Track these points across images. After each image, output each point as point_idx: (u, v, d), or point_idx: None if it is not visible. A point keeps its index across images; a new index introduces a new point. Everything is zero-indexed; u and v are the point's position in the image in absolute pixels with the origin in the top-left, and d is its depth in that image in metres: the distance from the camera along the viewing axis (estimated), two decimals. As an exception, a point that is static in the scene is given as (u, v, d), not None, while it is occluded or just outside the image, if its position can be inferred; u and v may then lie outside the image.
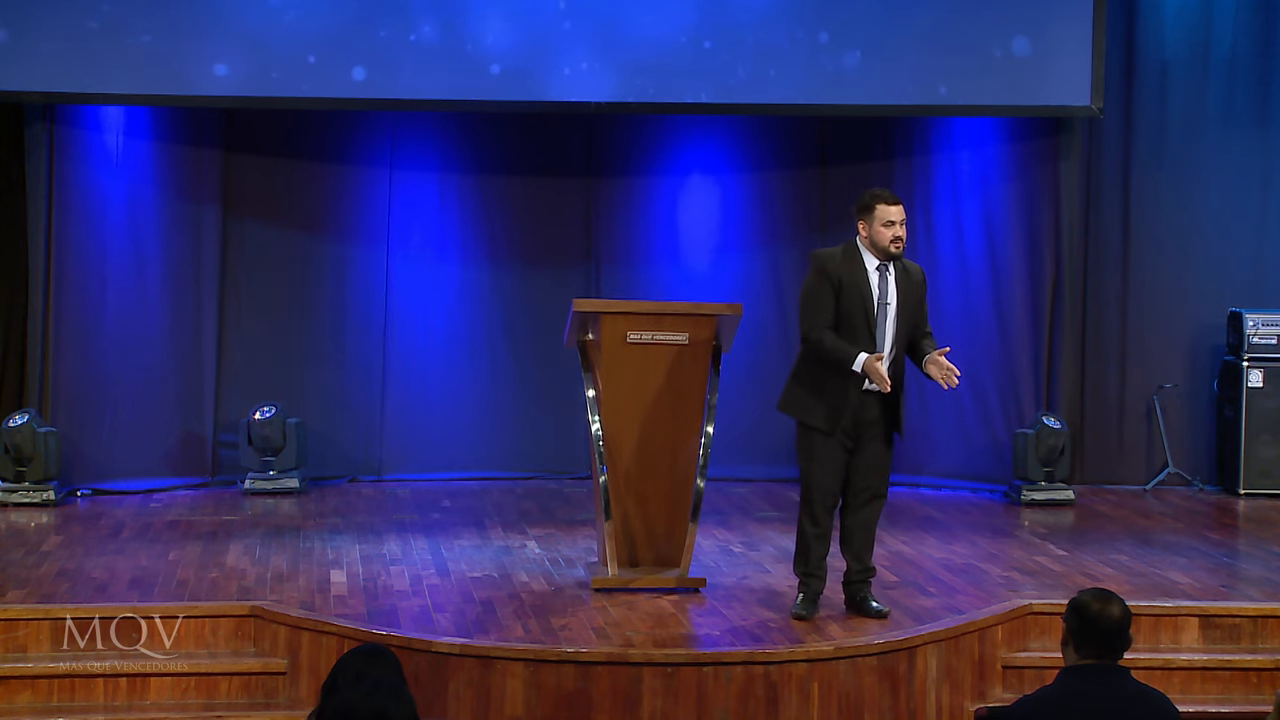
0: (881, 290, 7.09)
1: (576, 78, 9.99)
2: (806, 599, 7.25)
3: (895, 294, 7.10)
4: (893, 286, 7.11)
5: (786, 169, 10.92)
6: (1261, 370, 10.49)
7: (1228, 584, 8.05)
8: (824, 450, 7.12)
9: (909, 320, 7.13)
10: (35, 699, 6.92)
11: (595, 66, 10.00)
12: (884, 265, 7.12)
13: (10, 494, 9.66)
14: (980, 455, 10.66)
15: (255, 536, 8.88)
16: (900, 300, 7.10)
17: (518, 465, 10.89)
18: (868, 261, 7.12)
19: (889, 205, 7.09)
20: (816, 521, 7.19)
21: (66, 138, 10.08)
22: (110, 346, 10.25)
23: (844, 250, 7.15)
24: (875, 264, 7.12)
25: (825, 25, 10.04)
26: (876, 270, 7.11)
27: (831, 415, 7.08)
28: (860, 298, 7.06)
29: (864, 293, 7.06)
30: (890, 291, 7.10)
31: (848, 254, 7.13)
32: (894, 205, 7.10)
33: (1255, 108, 10.83)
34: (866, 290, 7.06)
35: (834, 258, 7.14)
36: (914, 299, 7.15)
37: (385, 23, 9.88)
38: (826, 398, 7.09)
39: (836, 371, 7.04)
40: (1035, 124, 10.51)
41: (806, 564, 7.25)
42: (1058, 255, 10.52)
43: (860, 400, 7.07)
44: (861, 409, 7.08)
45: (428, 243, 10.87)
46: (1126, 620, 4.67)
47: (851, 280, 7.06)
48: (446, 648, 6.75)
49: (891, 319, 7.09)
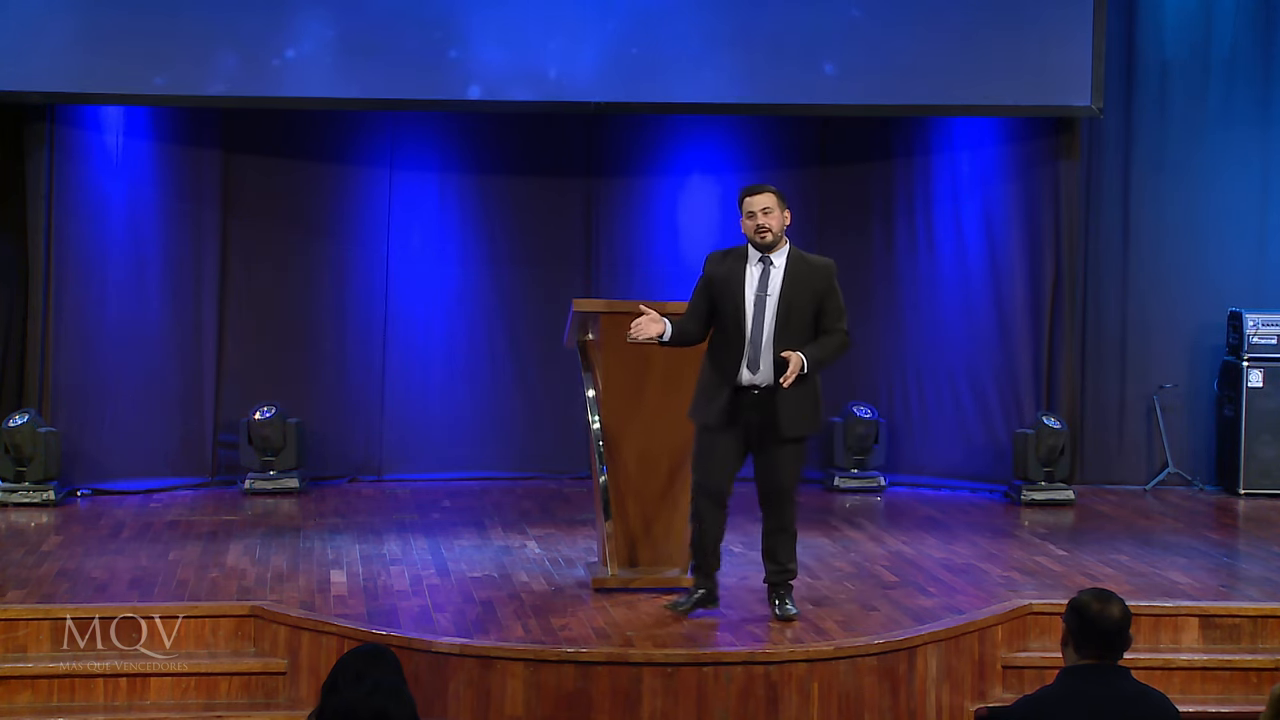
0: (761, 284, 6.98)
1: (576, 78, 9.99)
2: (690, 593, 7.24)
3: (780, 287, 6.98)
4: (776, 280, 6.99)
5: (786, 169, 10.92)
6: (1261, 370, 10.50)
7: (1228, 584, 8.05)
8: (703, 444, 7.09)
9: (800, 314, 6.97)
10: (35, 699, 6.92)
11: (594, 66, 10.00)
12: (766, 259, 7.02)
13: (10, 494, 9.66)
14: (980, 455, 10.66)
15: (255, 536, 8.88)
16: (785, 293, 6.97)
17: (518, 465, 10.89)
18: (750, 256, 7.05)
19: (749, 196, 7.03)
20: (698, 516, 7.16)
21: (66, 138, 10.08)
22: (110, 346, 10.25)
23: (736, 247, 7.12)
24: (757, 258, 7.04)
25: (825, 25, 10.04)
26: (758, 264, 7.02)
27: (706, 408, 7.03)
28: (731, 293, 6.99)
29: (735, 288, 6.99)
30: (772, 285, 6.98)
31: (736, 251, 7.10)
32: (754, 196, 7.02)
33: (1255, 108, 10.83)
34: (738, 285, 6.99)
35: (718, 256, 7.12)
36: (806, 292, 6.99)
37: (386, 23, 9.87)
38: (705, 392, 7.08)
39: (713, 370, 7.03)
40: (1035, 124, 10.51)
41: (696, 558, 7.25)
42: (1058, 255, 10.52)
43: (740, 398, 6.99)
44: (746, 407, 6.99)
45: (428, 243, 10.87)
46: (1126, 620, 4.67)
47: (727, 276, 7.01)
48: (446, 648, 6.75)
49: (771, 312, 6.96)
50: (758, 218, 6.99)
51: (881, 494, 10.45)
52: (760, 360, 6.96)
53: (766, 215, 6.99)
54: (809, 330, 7.01)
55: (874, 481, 10.52)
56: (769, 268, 7.02)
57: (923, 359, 10.83)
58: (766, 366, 6.96)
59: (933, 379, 10.81)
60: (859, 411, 10.53)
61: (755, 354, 6.96)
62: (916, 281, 10.84)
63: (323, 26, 9.86)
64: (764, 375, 6.96)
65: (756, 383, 6.98)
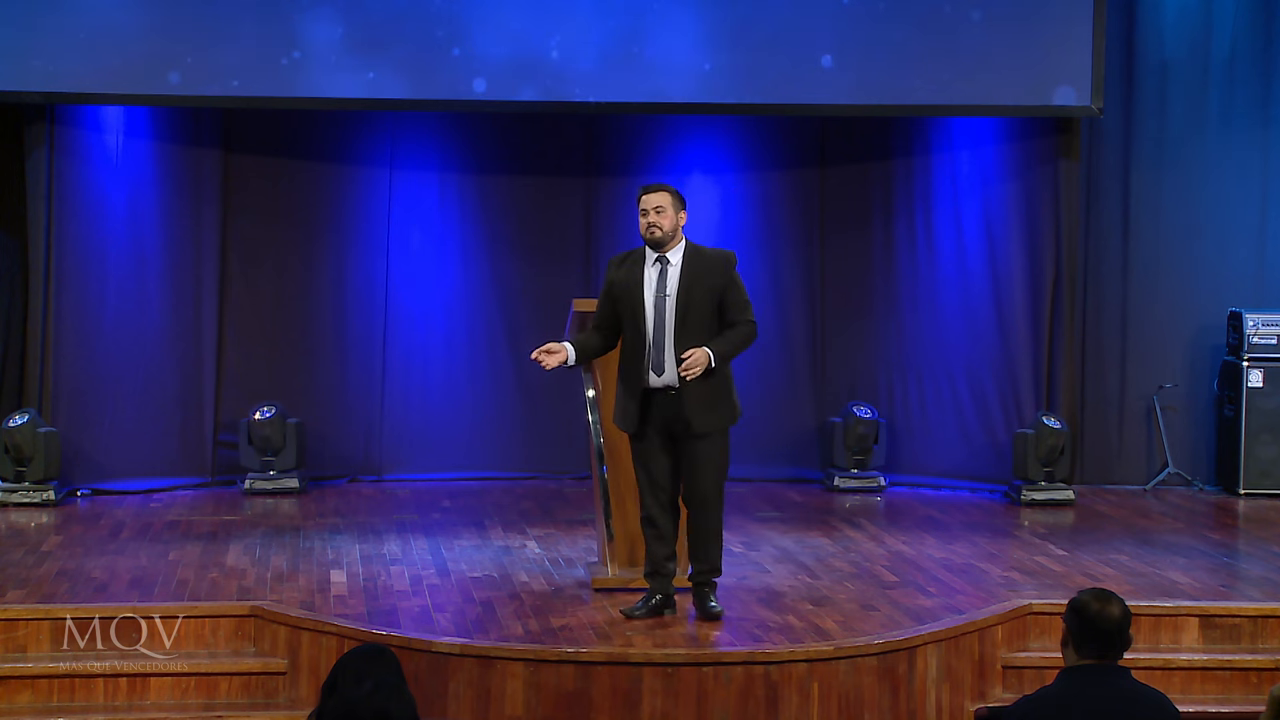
0: (659, 285, 6.95)
1: (576, 78, 9.99)
2: (645, 598, 7.20)
3: (677, 285, 6.94)
4: (673, 279, 6.95)
5: (786, 169, 10.93)
6: (1261, 370, 10.49)
7: (1228, 584, 8.05)
8: (636, 451, 7.08)
9: (699, 310, 6.93)
10: (35, 699, 6.92)
11: (595, 66, 10.00)
12: (663, 259, 6.98)
13: (10, 494, 9.67)
14: (980, 455, 10.66)
15: (255, 536, 8.88)
16: (682, 291, 6.91)
17: (518, 465, 10.89)
18: (648, 258, 7.01)
19: (642, 195, 7.00)
20: (651, 522, 7.13)
21: (66, 138, 10.08)
22: (110, 346, 10.25)
23: (634, 250, 7.08)
24: (654, 258, 7.00)
25: (825, 26, 10.04)
26: (655, 265, 6.99)
27: (628, 416, 7.02)
28: (631, 296, 6.96)
29: (635, 291, 6.96)
30: (669, 284, 6.94)
31: (634, 254, 7.06)
32: (648, 194, 6.98)
33: (1255, 108, 10.83)
34: (637, 288, 6.96)
35: (617, 260, 7.09)
36: (703, 287, 6.93)
37: (386, 23, 9.87)
38: (619, 398, 7.07)
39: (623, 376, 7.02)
40: (1035, 124, 10.51)
41: (649, 564, 7.21)
42: (1058, 255, 10.52)
43: (653, 398, 6.96)
44: (658, 409, 6.97)
45: (428, 242, 10.87)
46: (1126, 620, 4.67)
47: (625, 278, 6.99)
48: (446, 648, 6.75)
49: (671, 311, 6.92)
50: (649, 215, 6.95)
51: (881, 494, 10.45)
52: (665, 362, 6.91)
53: (659, 214, 6.94)
54: (711, 326, 6.95)
55: (874, 481, 10.52)
56: (666, 267, 6.98)
57: (923, 359, 10.83)
58: (671, 367, 6.90)
59: (933, 379, 10.81)
60: (859, 411, 10.53)
61: (659, 356, 6.92)
62: (916, 281, 10.84)
63: (323, 26, 9.85)
64: (669, 376, 6.92)
65: (663, 384, 6.94)
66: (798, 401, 10.95)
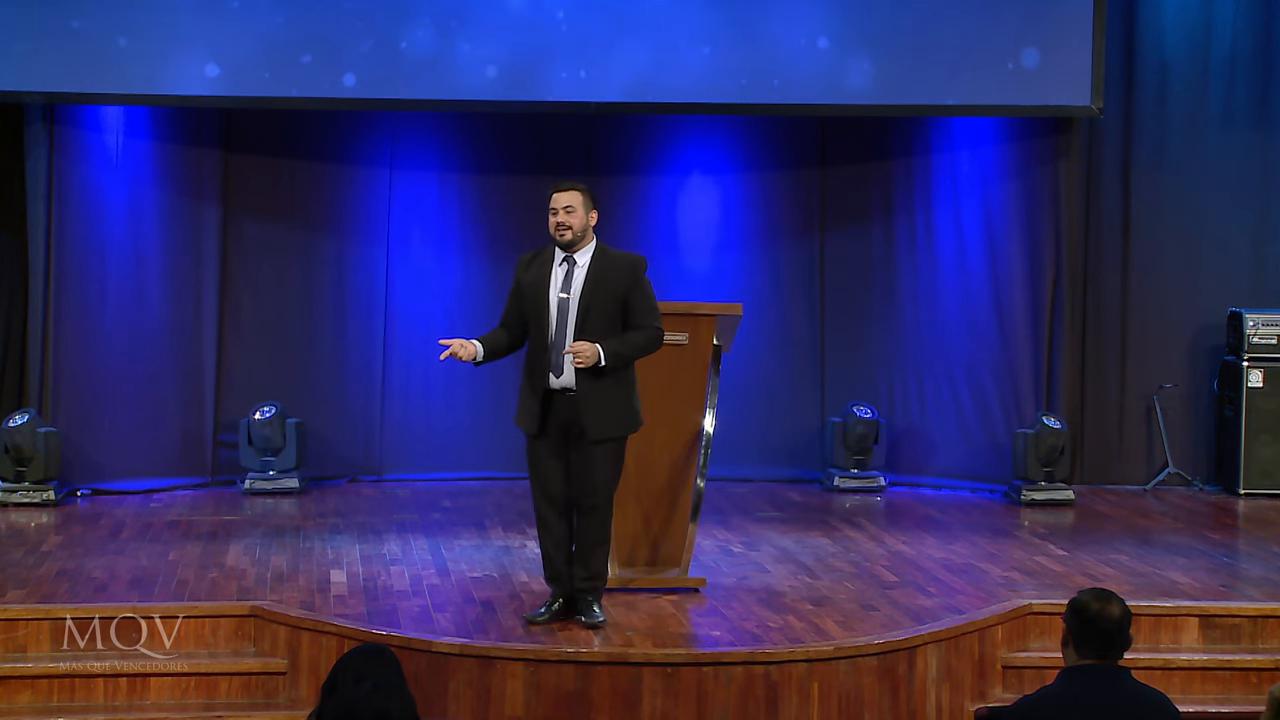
0: (564, 285, 6.88)
1: (576, 78, 9.99)
2: (548, 603, 7.12)
3: (581, 286, 6.87)
4: (578, 279, 6.88)
5: (786, 169, 10.92)
6: (1261, 370, 10.49)
7: (1228, 584, 8.05)
8: (532, 453, 7.03)
9: (601, 313, 6.83)
10: (35, 699, 6.92)
11: (595, 66, 9.99)
12: (571, 259, 6.92)
13: (10, 494, 9.66)
14: (980, 455, 10.66)
15: (255, 536, 8.88)
16: (587, 292, 6.85)
17: (518, 465, 10.74)
18: (556, 257, 6.95)
19: (555, 194, 6.91)
20: (545, 528, 7.05)
21: (66, 138, 10.07)
22: (110, 346, 10.25)
23: (544, 249, 7.01)
24: (562, 258, 6.94)
25: (825, 26, 10.04)
26: (563, 265, 6.93)
27: (524, 416, 6.98)
28: (536, 296, 6.92)
29: (540, 290, 6.90)
30: (574, 285, 6.88)
31: (544, 253, 6.99)
32: (559, 193, 6.90)
33: (1255, 108, 10.83)
34: (543, 287, 6.90)
35: (527, 259, 7.04)
36: (607, 290, 6.84)
37: (386, 23, 9.87)
38: (522, 398, 7.03)
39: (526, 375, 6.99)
40: (1035, 124, 10.51)
41: (547, 569, 7.11)
42: (1058, 255, 10.52)
43: (551, 402, 6.92)
44: (557, 410, 6.92)
45: (428, 242, 10.87)
46: (1126, 620, 4.67)
47: (534, 279, 6.94)
48: (446, 648, 6.75)
49: (573, 311, 6.85)
50: (559, 215, 6.88)
51: (881, 494, 10.45)
52: (564, 363, 6.86)
53: (569, 214, 6.87)
54: (614, 329, 6.86)
55: (874, 481, 10.52)
56: (572, 268, 6.92)
57: (923, 359, 10.83)
58: (570, 369, 6.85)
59: (933, 379, 10.81)
60: (859, 411, 10.53)
61: (559, 357, 6.87)
62: (916, 281, 10.83)
63: (322, 27, 9.84)
64: (568, 378, 6.87)
65: (562, 386, 6.89)
66: (797, 401, 10.95)
